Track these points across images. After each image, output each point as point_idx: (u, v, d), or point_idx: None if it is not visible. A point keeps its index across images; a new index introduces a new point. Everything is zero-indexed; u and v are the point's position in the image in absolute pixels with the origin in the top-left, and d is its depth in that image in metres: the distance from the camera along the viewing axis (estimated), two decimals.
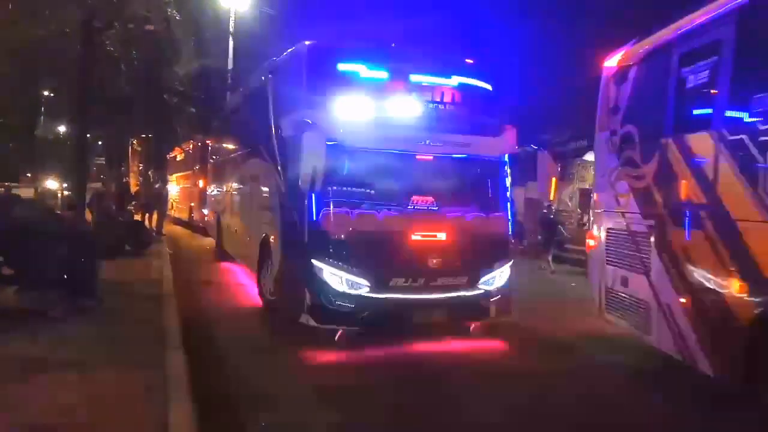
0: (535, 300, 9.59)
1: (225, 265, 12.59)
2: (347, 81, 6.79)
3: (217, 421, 4.62)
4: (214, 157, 15.66)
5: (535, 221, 16.84)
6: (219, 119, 15.28)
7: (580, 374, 6.29)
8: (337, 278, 6.42)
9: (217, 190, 14.03)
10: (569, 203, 20.23)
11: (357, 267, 6.44)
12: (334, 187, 6.47)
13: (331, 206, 6.46)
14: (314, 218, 6.47)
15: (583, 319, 7.98)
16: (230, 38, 21.98)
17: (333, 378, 5.88)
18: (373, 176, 6.76)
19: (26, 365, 5.18)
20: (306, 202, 6.47)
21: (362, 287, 6.44)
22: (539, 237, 15.22)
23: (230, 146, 12.67)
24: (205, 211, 17.25)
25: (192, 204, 21.51)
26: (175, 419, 4.23)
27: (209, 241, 16.02)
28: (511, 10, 19.75)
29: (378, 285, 6.45)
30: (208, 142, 17.71)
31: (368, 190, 6.71)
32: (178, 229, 21.78)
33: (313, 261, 6.46)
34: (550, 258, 14.45)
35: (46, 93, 20.30)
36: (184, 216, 23.03)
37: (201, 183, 18.83)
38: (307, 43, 7.28)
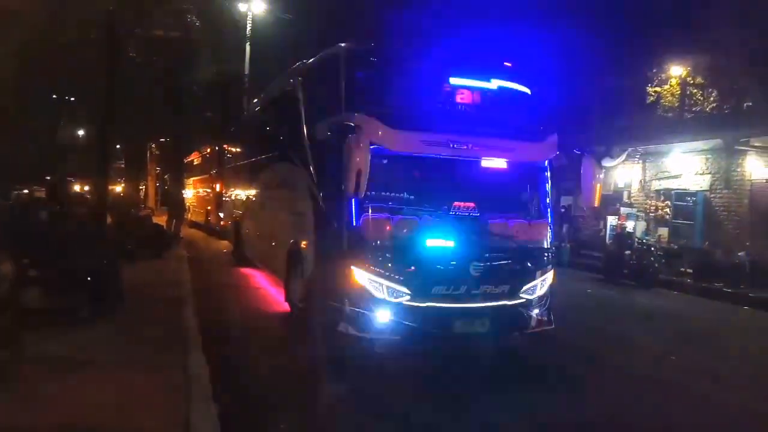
0: None
1: (241, 268, 12.69)
2: (386, 84, 6.58)
3: (238, 422, 4.70)
4: (232, 160, 15.66)
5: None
6: (238, 123, 15.30)
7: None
8: (377, 286, 6.16)
9: (237, 194, 14.00)
10: (585, 208, 20.14)
11: (398, 274, 6.19)
12: (374, 193, 6.20)
13: (372, 212, 6.23)
14: (354, 224, 6.22)
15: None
16: (247, 44, 22.24)
17: (362, 384, 5.80)
18: (415, 181, 6.57)
19: (52, 365, 5.31)
20: (346, 207, 6.22)
21: (403, 295, 6.18)
22: None
23: (251, 150, 12.50)
24: (222, 215, 17.36)
25: (209, 207, 21.69)
26: (196, 419, 4.33)
27: (225, 244, 16.14)
28: (519, 14, 19.62)
29: (419, 293, 6.20)
30: (226, 145, 17.81)
31: (409, 196, 6.48)
32: (195, 232, 21.98)
33: (353, 268, 6.20)
34: None
35: (66, 97, 20.66)
36: (201, 219, 23.24)
37: (218, 187, 18.95)
38: (343, 44, 7.00)
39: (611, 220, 16.84)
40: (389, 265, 6.21)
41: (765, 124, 13.86)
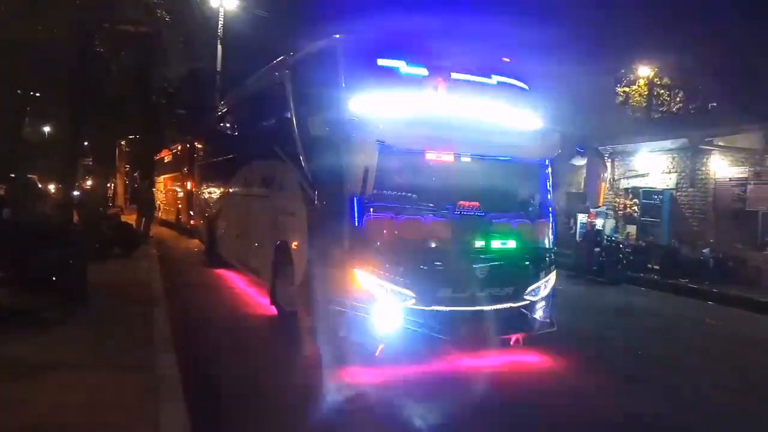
0: None
1: (214, 267, 12.53)
2: (387, 77, 6.27)
3: (209, 422, 4.67)
4: (206, 158, 15.32)
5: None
6: (212, 119, 14.96)
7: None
8: (381, 289, 5.88)
9: (211, 193, 13.65)
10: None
11: (403, 277, 5.91)
12: (376, 191, 5.83)
13: (375, 212, 5.88)
14: (357, 224, 5.82)
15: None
16: (218, 40, 21.99)
17: (356, 391, 5.54)
18: (418, 179, 6.27)
19: (19, 366, 5.20)
20: (347, 207, 5.81)
21: (408, 298, 5.91)
22: None
23: (228, 147, 12.11)
24: (194, 213, 17.10)
25: (180, 206, 21.41)
26: (166, 419, 4.29)
27: (196, 243, 15.96)
28: (486, 13, 19.73)
29: (424, 296, 5.95)
30: (198, 143, 17.52)
31: (412, 194, 6.16)
32: (165, 231, 21.69)
33: (356, 270, 5.89)
34: None
35: (31, 93, 20.12)
36: (172, 218, 22.95)
37: (190, 184, 18.68)
38: (338, 36, 6.70)
39: (581, 218, 17.13)
40: (394, 267, 5.92)
41: (729, 124, 14.27)
